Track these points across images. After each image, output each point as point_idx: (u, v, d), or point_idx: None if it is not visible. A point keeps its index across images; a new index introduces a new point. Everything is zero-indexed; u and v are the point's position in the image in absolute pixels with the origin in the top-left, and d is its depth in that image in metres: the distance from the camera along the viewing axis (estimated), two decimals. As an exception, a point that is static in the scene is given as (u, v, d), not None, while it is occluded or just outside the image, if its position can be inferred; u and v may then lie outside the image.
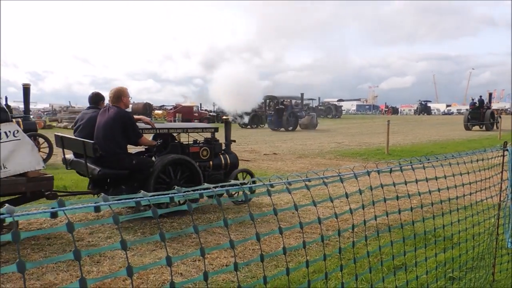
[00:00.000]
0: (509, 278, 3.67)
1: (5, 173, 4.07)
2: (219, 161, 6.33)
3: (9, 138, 4.12)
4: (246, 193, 1.57)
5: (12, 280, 3.61)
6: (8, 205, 0.93)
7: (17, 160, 4.18)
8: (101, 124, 5.20)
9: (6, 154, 4.08)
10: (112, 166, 5.14)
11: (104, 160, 5.10)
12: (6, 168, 4.09)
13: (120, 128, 5.11)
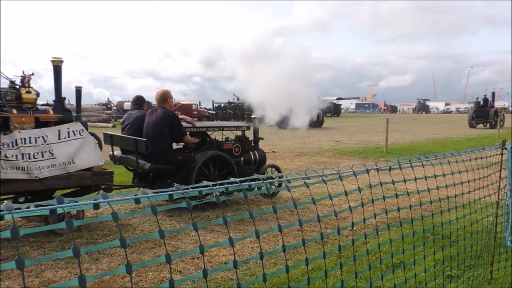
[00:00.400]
0: (507, 276, 3.68)
1: (74, 168, 4.60)
2: (249, 157, 6.74)
3: (76, 136, 4.65)
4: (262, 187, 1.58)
5: (11, 278, 3.61)
6: (6, 202, 0.93)
7: (83, 156, 4.67)
8: (150, 124, 5.67)
9: (74, 151, 4.60)
10: (160, 162, 5.58)
11: (153, 156, 5.52)
12: (75, 164, 4.60)
13: (167, 127, 5.57)
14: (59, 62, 5.34)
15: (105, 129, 27.50)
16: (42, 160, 4.40)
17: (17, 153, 4.26)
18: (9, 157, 4.19)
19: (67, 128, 4.66)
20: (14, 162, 4.23)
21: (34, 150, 4.37)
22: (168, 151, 5.66)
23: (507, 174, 3.62)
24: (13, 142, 4.27)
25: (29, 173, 4.29)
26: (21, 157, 4.27)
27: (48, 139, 4.48)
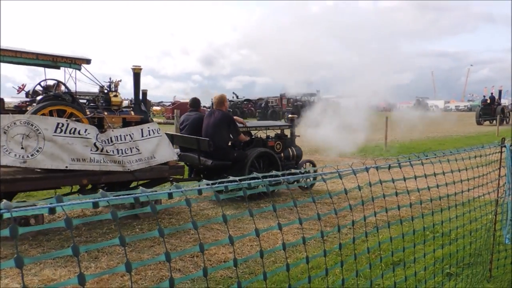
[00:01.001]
0: (506, 274, 3.68)
1: (155, 162, 5.27)
2: (288, 153, 7.35)
3: (155, 134, 5.30)
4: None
5: (10, 276, 3.60)
6: (5, 201, 0.92)
7: (161, 152, 5.33)
8: (210, 124, 6.34)
9: (153, 147, 5.25)
10: (220, 158, 6.24)
11: (213, 153, 6.18)
12: (155, 158, 5.26)
13: (226, 127, 6.29)
14: (138, 69, 6.14)
15: (104, 127, 27.47)
16: (132, 155, 5.08)
17: (113, 148, 4.93)
18: (109, 152, 4.86)
19: (147, 127, 5.34)
20: (112, 157, 4.89)
21: (125, 146, 5.05)
22: (226, 148, 6.35)
23: (506, 172, 3.62)
24: (109, 139, 4.93)
25: (123, 166, 4.98)
26: (116, 152, 4.95)
27: (134, 137, 5.14)
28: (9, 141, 4.35)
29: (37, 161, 4.47)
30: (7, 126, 4.37)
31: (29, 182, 4.57)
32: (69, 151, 4.63)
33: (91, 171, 4.79)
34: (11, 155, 4.35)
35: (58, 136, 4.56)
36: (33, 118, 4.57)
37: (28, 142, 4.43)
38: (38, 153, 4.46)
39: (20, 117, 4.52)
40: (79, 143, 4.67)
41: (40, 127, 4.49)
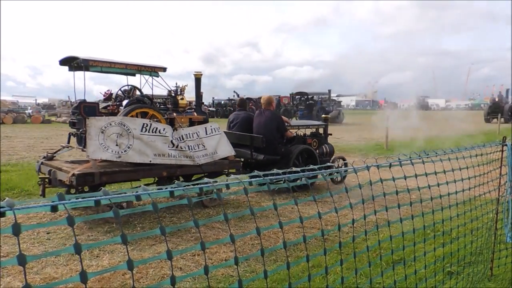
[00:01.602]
0: (507, 273, 3.68)
1: (218, 157, 5.94)
2: (322, 150, 7.99)
3: (215, 133, 5.98)
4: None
5: (12, 274, 3.61)
6: (8, 199, 0.93)
7: (221, 148, 6.00)
8: (261, 123, 7.06)
9: (215, 144, 5.92)
10: (270, 153, 6.94)
11: (264, 149, 6.89)
12: (217, 153, 5.92)
13: (275, 125, 7.01)
14: (199, 75, 6.89)
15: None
16: (199, 150, 5.75)
17: (184, 145, 5.61)
18: (182, 148, 5.55)
19: (210, 126, 6.03)
20: (184, 152, 5.58)
21: (193, 143, 5.72)
22: (275, 144, 7.00)
23: (507, 171, 3.62)
24: (180, 137, 5.60)
25: (193, 160, 5.65)
26: (187, 148, 5.63)
27: (200, 135, 5.82)
28: (106, 139, 5.06)
29: (128, 156, 5.19)
30: (104, 127, 5.06)
31: (124, 174, 5.30)
32: (152, 147, 5.33)
33: (169, 165, 5.51)
34: (108, 151, 5.07)
35: (143, 135, 5.28)
36: (125, 119, 5.31)
37: (121, 140, 5.16)
38: (129, 149, 5.19)
39: (114, 119, 5.27)
40: (159, 141, 5.39)
41: (130, 127, 5.21)
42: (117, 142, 5.12)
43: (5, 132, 18.37)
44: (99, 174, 4.92)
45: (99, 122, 5.08)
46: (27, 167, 9.02)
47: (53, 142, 15.27)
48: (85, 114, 5.77)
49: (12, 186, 6.90)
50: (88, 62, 5.74)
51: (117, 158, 5.12)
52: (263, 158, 6.86)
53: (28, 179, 7.43)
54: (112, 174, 5.16)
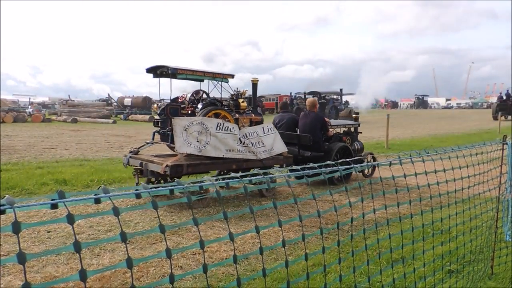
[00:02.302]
0: (507, 271, 3.68)
1: (274, 153, 6.74)
2: (354, 147, 8.74)
3: (271, 132, 6.81)
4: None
5: (12, 273, 3.62)
6: (8, 196, 0.93)
7: (277, 145, 6.79)
8: (307, 124, 7.89)
9: (272, 141, 6.73)
10: (315, 150, 7.74)
11: (309, 146, 7.65)
12: (274, 150, 6.73)
13: (319, 125, 7.84)
14: (256, 81, 7.98)
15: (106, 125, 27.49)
16: (260, 147, 6.54)
17: (248, 142, 6.42)
18: (247, 145, 6.39)
19: (266, 125, 6.90)
20: (249, 148, 6.41)
21: (255, 140, 6.52)
22: (320, 142, 7.80)
23: (507, 170, 3.62)
24: (244, 135, 6.42)
25: (256, 155, 6.46)
26: (251, 144, 6.43)
27: (259, 133, 6.62)
28: (188, 136, 5.88)
29: (207, 151, 6.01)
30: (186, 125, 5.88)
31: (204, 166, 6.10)
32: (225, 143, 6.16)
33: (237, 159, 6.32)
34: (191, 146, 5.89)
35: (218, 133, 6.09)
36: (204, 119, 6.18)
37: (201, 137, 5.98)
38: (207, 145, 6.01)
39: (195, 119, 6.12)
40: (230, 138, 6.21)
41: (208, 125, 6.03)
42: (197, 138, 5.96)
43: (5, 131, 18.37)
44: (186, 165, 5.80)
45: (182, 122, 5.93)
46: (28, 166, 9.03)
47: (53, 141, 15.28)
48: (171, 114, 6.81)
49: (12, 185, 6.91)
50: (176, 71, 6.83)
51: (198, 152, 5.96)
52: (310, 154, 7.71)
53: (28, 178, 7.44)
54: (195, 166, 5.98)
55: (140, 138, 17.59)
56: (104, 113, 33.81)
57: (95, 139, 16.20)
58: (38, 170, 8.38)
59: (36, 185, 7.00)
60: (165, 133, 6.94)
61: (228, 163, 6.27)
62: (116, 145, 14.45)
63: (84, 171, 8.37)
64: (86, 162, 9.98)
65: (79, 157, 10.95)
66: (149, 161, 6.14)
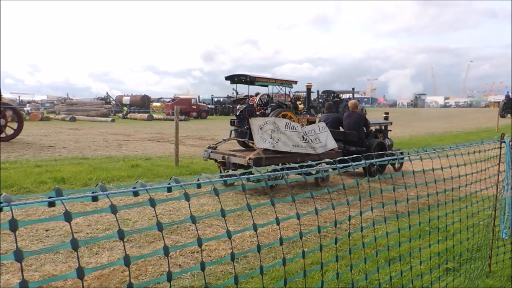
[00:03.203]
0: (505, 269, 3.69)
1: (328, 148, 7.71)
2: (386, 143, 9.68)
3: (324, 130, 7.81)
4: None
5: (11, 272, 3.62)
6: (5, 194, 0.93)
7: (329, 141, 7.78)
8: (351, 123, 8.89)
9: (325, 138, 7.74)
10: (359, 146, 8.73)
11: (354, 142, 8.80)
12: (327, 145, 7.70)
13: (362, 124, 8.87)
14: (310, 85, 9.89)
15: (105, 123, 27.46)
16: (317, 143, 7.56)
17: (309, 139, 7.44)
18: (308, 141, 7.40)
19: (320, 125, 7.96)
20: (310, 144, 7.41)
21: (313, 137, 7.54)
22: (363, 139, 8.84)
23: (505, 168, 3.63)
24: (305, 133, 7.41)
25: (315, 150, 7.43)
26: (311, 141, 7.47)
27: (315, 131, 7.65)
28: (264, 133, 7.00)
29: (279, 146, 7.07)
30: (262, 124, 7.03)
31: (277, 159, 7.01)
32: (291, 140, 7.21)
33: (301, 154, 7.30)
34: (266, 142, 6.99)
35: (286, 131, 7.17)
36: (275, 119, 7.33)
37: (274, 134, 7.05)
38: (279, 141, 7.06)
39: (269, 119, 7.28)
40: (295, 135, 7.26)
41: (279, 124, 7.14)
42: (271, 135, 7.02)
43: (4, 129, 18.30)
44: (264, 158, 6.83)
45: (258, 121, 7.08)
46: (26, 164, 9.01)
47: (52, 139, 15.26)
48: (248, 115, 8.22)
49: (10, 183, 6.90)
50: (254, 78, 8.64)
51: (272, 147, 7.02)
52: (355, 149, 8.67)
53: (27, 176, 7.43)
54: (270, 159, 6.96)
55: (139, 136, 17.58)
56: (103, 111, 33.77)
57: (94, 138, 16.19)
58: (36, 169, 8.37)
59: (34, 184, 6.99)
60: (242, 131, 8.38)
61: (294, 157, 7.23)
62: (114, 143, 14.44)
63: (83, 170, 8.36)
64: (85, 160, 9.97)
65: (77, 155, 10.94)
66: (231, 155, 7.24)
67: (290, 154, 7.19)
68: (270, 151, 7.14)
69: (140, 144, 14.33)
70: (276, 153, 7.15)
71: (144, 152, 12.02)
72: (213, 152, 7.64)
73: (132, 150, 12.61)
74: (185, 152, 12.30)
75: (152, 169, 8.84)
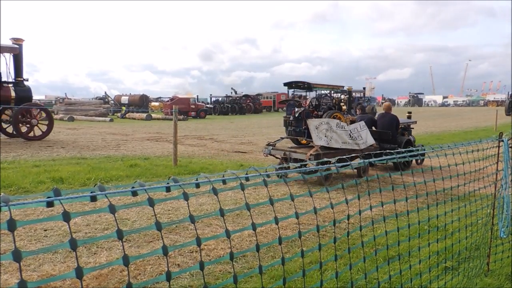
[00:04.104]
0: (503, 268, 3.70)
1: (368, 144, 8.61)
2: (410, 139, 10.71)
3: (364, 128, 8.68)
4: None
5: (9, 272, 3.61)
6: (3, 194, 0.93)
7: (368, 138, 8.69)
8: (385, 123, 10.02)
9: (366, 135, 8.64)
10: (393, 143, 9.82)
11: (388, 140, 9.75)
12: (367, 142, 8.61)
13: (395, 123, 9.98)
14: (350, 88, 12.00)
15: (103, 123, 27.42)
16: (360, 140, 8.51)
17: (353, 136, 8.41)
18: (354, 139, 8.39)
19: (360, 124, 8.79)
20: (355, 141, 8.39)
21: (356, 135, 8.49)
22: (395, 137, 9.98)
23: (503, 167, 3.64)
24: (351, 131, 8.43)
25: (359, 146, 8.39)
26: (356, 138, 8.44)
27: (358, 129, 8.57)
28: (319, 132, 8.04)
29: (332, 143, 8.11)
30: (317, 125, 8.10)
31: (330, 154, 7.85)
32: (341, 138, 8.23)
33: (348, 149, 8.20)
34: (322, 140, 8.02)
35: (338, 130, 8.21)
36: (329, 120, 8.56)
37: (328, 133, 8.09)
38: (332, 139, 8.11)
39: (323, 120, 8.45)
40: (344, 134, 8.29)
41: (332, 124, 8.21)
42: (326, 134, 8.07)
43: (2, 129, 18.25)
44: (322, 154, 7.76)
45: (314, 122, 8.24)
46: (24, 164, 9.00)
47: (51, 138, 15.22)
48: (305, 117, 9.59)
49: (9, 183, 6.88)
50: (312, 85, 10.83)
51: (327, 144, 8.07)
52: (389, 146, 9.64)
53: (25, 176, 7.42)
54: (326, 154, 7.81)
55: (138, 136, 17.56)
56: (101, 111, 33.72)
57: (92, 138, 16.16)
58: (34, 169, 8.35)
59: (32, 184, 6.98)
60: (300, 130, 9.80)
61: (343, 152, 8.10)
62: (113, 143, 14.42)
63: (81, 170, 8.35)
64: (83, 160, 9.96)
65: (76, 155, 10.92)
66: (292, 151, 8.36)
67: (340, 150, 8.22)
68: (324, 148, 8.17)
69: (139, 144, 14.32)
70: (330, 149, 8.17)
71: (143, 152, 12.01)
72: (273, 149, 8.66)
73: (130, 149, 12.60)
74: (183, 151, 12.29)
75: (150, 169, 8.84)
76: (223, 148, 13.78)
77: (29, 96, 15.03)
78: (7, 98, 14.19)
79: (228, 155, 11.94)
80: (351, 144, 8.33)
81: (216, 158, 11.18)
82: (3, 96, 14.10)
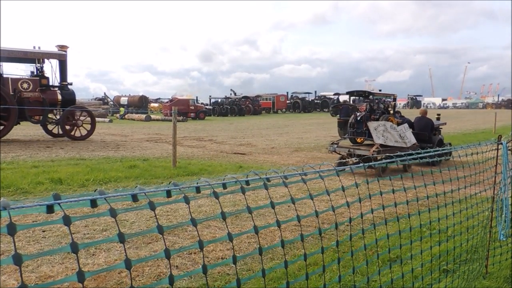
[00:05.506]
0: (502, 270, 3.70)
1: (411, 143, 10.04)
2: (440, 139, 12.24)
3: (407, 129, 10.25)
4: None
5: (7, 273, 3.60)
6: (3, 199, 0.92)
7: (412, 138, 10.15)
8: (422, 125, 11.61)
9: (409, 135, 10.14)
10: (429, 143, 11.29)
11: (424, 140, 11.23)
12: (411, 141, 10.05)
13: (431, 126, 11.56)
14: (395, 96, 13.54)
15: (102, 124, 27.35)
16: (406, 139, 9.95)
17: (402, 135, 9.95)
18: (402, 138, 9.91)
19: (405, 125, 10.37)
20: (403, 139, 9.89)
21: (403, 135, 9.93)
22: (431, 137, 11.52)
23: (502, 169, 3.64)
24: (400, 131, 9.96)
25: (406, 145, 9.81)
26: (404, 137, 9.93)
27: (403, 130, 10.09)
28: (378, 132, 9.58)
29: (387, 142, 9.64)
30: (375, 127, 9.63)
31: (386, 151, 8.68)
32: (394, 137, 9.79)
33: (398, 147, 9.51)
34: (380, 139, 9.53)
35: (391, 131, 9.79)
36: (385, 122, 10.07)
37: (384, 133, 9.65)
38: (387, 139, 9.66)
39: (380, 122, 10.07)
40: (395, 134, 9.85)
41: (387, 126, 9.79)
42: (383, 134, 9.62)
43: (0, 130, 18.21)
44: (382, 150, 9.08)
45: (373, 124, 9.78)
46: (23, 165, 8.97)
47: (49, 139, 15.19)
48: (365, 120, 10.93)
49: (7, 184, 6.86)
50: (370, 93, 12.96)
51: (384, 142, 9.57)
52: (426, 146, 10.72)
53: (23, 177, 7.40)
54: (384, 151, 8.98)
55: (137, 137, 17.55)
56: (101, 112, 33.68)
57: (91, 138, 16.14)
58: (33, 169, 8.33)
59: (31, 184, 6.96)
60: (362, 131, 11.16)
61: (395, 150, 8.78)
62: (112, 144, 14.40)
63: (80, 170, 8.33)
64: (82, 161, 9.94)
65: (74, 156, 10.90)
66: (355, 148, 10.02)
67: (393, 147, 9.54)
68: (382, 146, 9.58)
69: (138, 145, 14.31)
70: (386, 147, 9.57)
71: (142, 153, 11.99)
72: (338, 147, 10.14)
73: (129, 151, 12.59)
74: (182, 152, 12.28)
75: (149, 170, 8.82)
76: (222, 149, 13.78)
77: (74, 99, 16.21)
78: (54, 101, 15.38)
79: (227, 157, 11.93)
80: (400, 143, 9.84)
81: (215, 160, 11.17)
82: (51, 99, 15.26)
